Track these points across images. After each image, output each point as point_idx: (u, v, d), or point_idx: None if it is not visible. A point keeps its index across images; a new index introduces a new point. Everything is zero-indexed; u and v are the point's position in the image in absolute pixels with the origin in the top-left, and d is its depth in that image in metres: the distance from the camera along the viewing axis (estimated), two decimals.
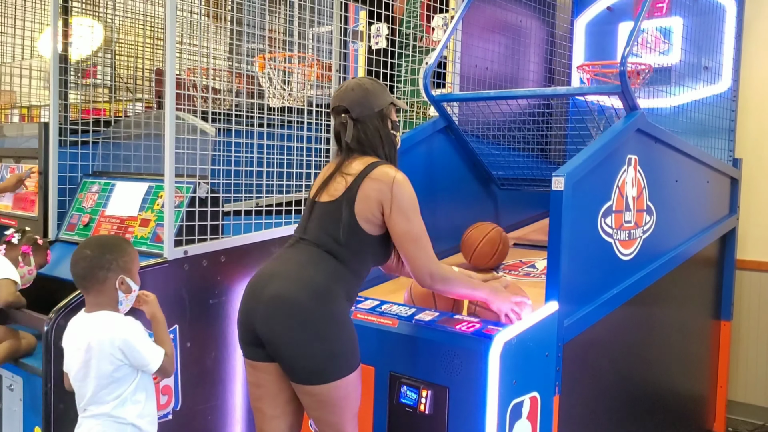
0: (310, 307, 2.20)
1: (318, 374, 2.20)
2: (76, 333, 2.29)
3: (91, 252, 2.29)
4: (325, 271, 2.27)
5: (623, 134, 2.96)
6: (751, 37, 4.28)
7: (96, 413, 2.25)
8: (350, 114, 2.36)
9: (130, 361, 2.25)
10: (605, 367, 3.07)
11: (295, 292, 2.21)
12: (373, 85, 2.42)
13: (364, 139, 2.36)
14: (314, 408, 2.29)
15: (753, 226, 4.35)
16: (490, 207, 3.95)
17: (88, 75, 4.87)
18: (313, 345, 2.19)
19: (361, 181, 2.29)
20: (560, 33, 4.45)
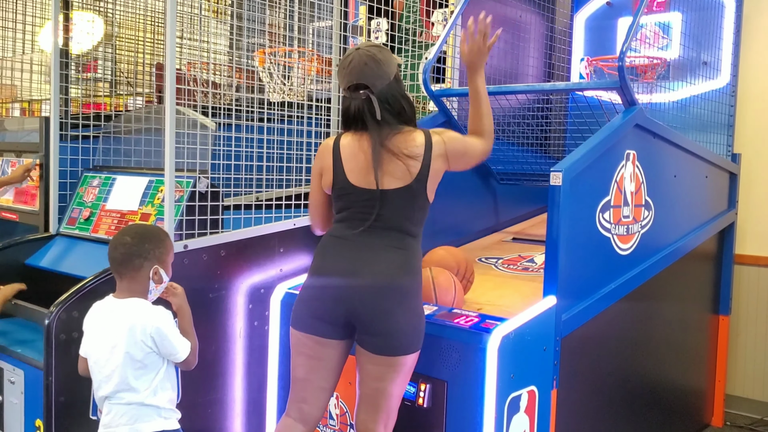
0: (408, 287, 2.35)
1: (407, 345, 2.34)
2: (104, 317, 2.33)
3: (130, 239, 2.35)
4: (410, 249, 2.40)
5: (621, 129, 2.97)
6: (750, 33, 4.28)
7: (128, 401, 2.28)
8: (370, 90, 2.36)
9: (159, 349, 2.30)
10: (603, 362, 3.09)
11: (393, 273, 2.34)
12: (381, 52, 2.41)
13: (390, 111, 2.38)
14: (384, 378, 2.37)
15: (751, 221, 4.36)
16: (489, 202, 3.96)
17: (89, 69, 4.88)
18: (409, 321, 2.34)
19: (429, 163, 2.37)
20: (560, 28, 4.46)
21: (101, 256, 3.09)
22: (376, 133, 2.36)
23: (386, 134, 2.37)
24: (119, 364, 2.26)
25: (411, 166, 2.35)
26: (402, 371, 2.37)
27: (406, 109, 2.43)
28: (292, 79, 4.05)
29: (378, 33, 4.36)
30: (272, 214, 3.26)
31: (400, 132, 2.39)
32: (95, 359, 2.32)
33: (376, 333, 2.33)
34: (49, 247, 3.47)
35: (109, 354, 2.27)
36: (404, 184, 2.36)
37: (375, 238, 2.38)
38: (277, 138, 3.32)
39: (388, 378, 2.36)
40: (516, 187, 3.96)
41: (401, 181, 2.36)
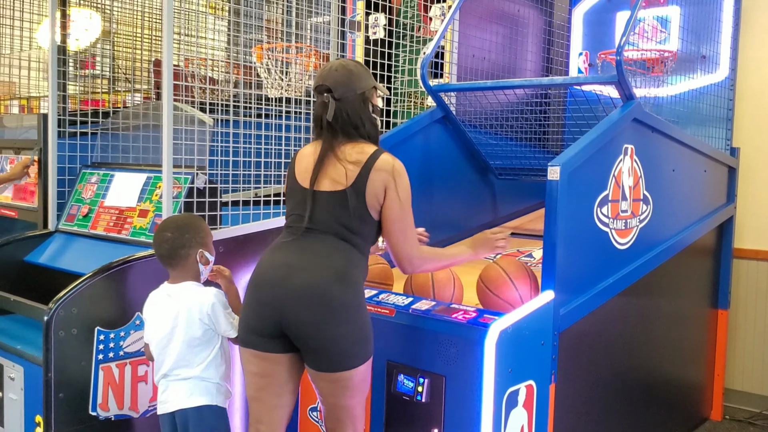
0: (339, 295, 2.25)
1: (347, 360, 2.26)
2: (162, 303, 2.55)
3: (171, 234, 2.55)
4: (345, 258, 2.31)
5: (619, 124, 2.97)
6: (748, 27, 4.28)
7: (185, 376, 2.51)
8: (333, 94, 2.35)
9: (215, 326, 2.52)
10: (601, 356, 3.10)
11: (324, 282, 2.25)
12: (357, 67, 2.42)
13: (345, 119, 2.36)
14: (333, 393, 2.32)
15: (750, 215, 4.36)
16: (487, 197, 3.97)
17: (87, 66, 4.88)
18: (343, 332, 2.24)
19: (369, 172, 2.30)
20: (558, 22, 4.45)
21: (100, 252, 3.12)
22: (329, 136, 2.36)
23: (338, 141, 2.36)
24: (180, 342, 2.50)
25: (349, 170, 2.31)
26: (351, 385, 2.30)
27: (364, 126, 2.39)
28: (290, 75, 4.04)
29: (376, 28, 4.36)
30: (270, 210, 3.26)
31: (353, 142, 2.37)
32: (156, 342, 2.55)
33: (311, 348, 2.26)
34: (48, 243, 3.47)
35: (170, 335, 2.51)
36: (339, 188, 2.32)
37: (314, 243, 2.31)
38: (275, 134, 3.32)
39: (339, 393, 2.31)
40: (514, 182, 3.97)
41: (337, 184, 2.32)
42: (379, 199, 2.32)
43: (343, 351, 2.25)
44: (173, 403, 2.52)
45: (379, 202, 2.33)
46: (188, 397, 2.50)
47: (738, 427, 4.19)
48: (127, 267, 2.84)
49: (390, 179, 2.32)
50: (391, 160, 2.35)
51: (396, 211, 2.34)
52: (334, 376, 2.27)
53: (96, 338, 2.74)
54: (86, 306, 2.72)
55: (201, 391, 2.51)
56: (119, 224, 3.23)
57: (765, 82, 4.33)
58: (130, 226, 3.18)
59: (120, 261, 2.84)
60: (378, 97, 2.51)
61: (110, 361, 2.79)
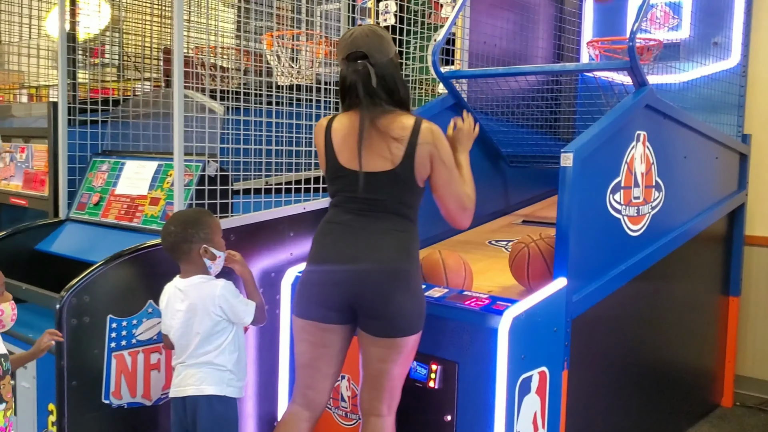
0: (406, 269, 2.35)
1: (407, 327, 2.35)
2: (176, 296, 2.63)
3: (174, 228, 2.62)
4: (407, 232, 2.40)
5: (632, 110, 2.95)
6: (760, 13, 4.24)
7: (198, 362, 2.59)
8: (369, 60, 2.33)
9: (228, 316, 2.61)
10: (614, 343, 3.09)
11: (398, 259, 2.34)
12: (383, 31, 2.44)
13: (384, 85, 2.35)
14: (385, 359, 2.38)
15: (762, 202, 4.34)
16: (498, 184, 3.96)
17: (96, 54, 4.87)
18: (409, 302, 2.34)
19: (414, 148, 2.33)
20: (569, 9, 4.42)
21: (111, 240, 3.12)
22: (367, 108, 2.34)
23: (377, 111, 2.34)
24: (194, 334, 2.58)
25: (394, 148, 2.32)
26: (404, 352, 2.38)
27: (401, 91, 2.40)
28: (300, 63, 4.03)
29: (386, 15, 4.34)
30: (282, 198, 3.26)
31: (391, 112, 2.36)
32: (173, 333, 2.64)
33: (378, 316, 2.34)
34: (59, 232, 3.48)
35: (185, 327, 2.59)
36: (390, 167, 2.34)
37: (371, 221, 2.38)
38: (285, 121, 3.32)
39: (390, 359, 2.37)
40: (526, 169, 3.95)
41: (388, 163, 2.33)
42: (426, 169, 2.37)
43: (407, 318, 2.34)
44: (185, 389, 2.60)
45: (427, 172, 2.38)
46: (199, 385, 2.58)
47: (749, 414, 4.18)
48: (139, 255, 2.84)
49: (434, 150, 2.35)
50: (430, 130, 2.36)
51: (445, 176, 2.40)
52: (393, 342, 2.35)
53: (108, 326, 2.75)
54: (98, 294, 2.72)
55: (213, 379, 2.59)
56: (130, 212, 3.24)
57: None
58: (142, 214, 3.18)
59: (131, 249, 2.84)
60: None
61: (123, 349, 2.79)
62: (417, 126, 2.35)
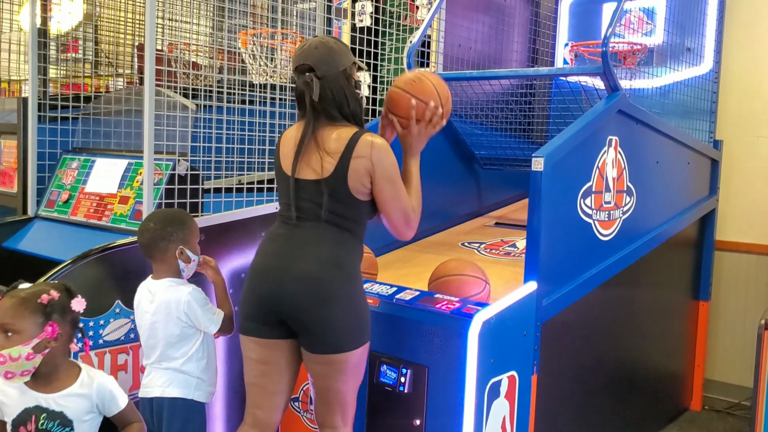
0: (334, 280, 2.27)
1: (342, 343, 2.28)
2: (146, 297, 2.62)
3: (154, 224, 2.59)
4: (340, 244, 2.32)
5: (604, 115, 2.97)
6: (732, 20, 4.29)
7: (167, 367, 2.58)
8: (315, 72, 2.30)
9: (193, 322, 2.57)
10: (584, 347, 3.11)
11: (323, 270, 2.27)
12: (336, 43, 2.37)
13: (329, 98, 2.31)
14: (326, 376, 2.33)
15: (732, 207, 4.39)
16: (472, 186, 3.96)
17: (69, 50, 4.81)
18: (340, 316, 2.27)
19: (350, 159, 2.27)
20: (545, 13, 4.44)
21: (80, 239, 3.08)
22: (310, 119, 2.32)
23: (318, 123, 2.31)
24: (160, 337, 2.57)
25: (326, 161, 2.27)
26: (345, 369, 2.31)
27: (350, 104, 2.34)
28: (275, 61, 4.01)
29: (362, 16, 4.33)
30: (254, 197, 3.24)
31: (334, 125, 2.32)
32: (142, 333, 2.64)
33: (308, 331, 2.29)
34: (27, 229, 3.43)
35: (153, 329, 2.58)
36: (321, 176, 2.29)
37: (302, 231, 2.32)
38: (259, 120, 3.29)
39: (332, 376, 2.32)
40: (499, 172, 3.96)
41: (315, 174, 2.30)
42: (364, 183, 2.29)
43: (338, 334, 2.27)
44: (152, 390, 2.60)
45: (365, 186, 2.30)
46: (166, 387, 2.58)
47: (717, 417, 4.23)
48: (107, 254, 2.81)
49: (371, 165, 2.27)
50: (369, 142, 2.28)
51: (388, 192, 2.33)
52: (328, 359, 2.29)
53: None
54: None
55: (179, 382, 2.57)
56: (99, 211, 3.20)
57: (748, 75, 4.34)
58: (111, 213, 3.14)
59: (100, 248, 2.80)
60: (358, 72, 2.46)
61: (90, 349, 2.75)
62: (354, 139, 2.28)
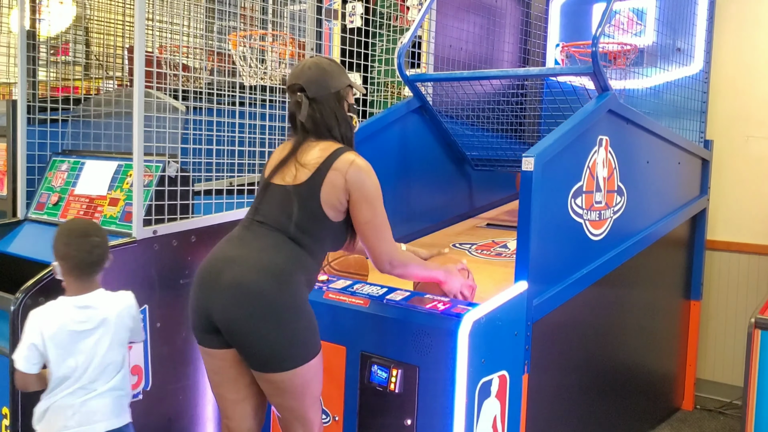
0: (271, 294, 2.16)
1: (278, 362, 2.17)
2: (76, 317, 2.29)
3: (99, 239, 2.36)
4: (286, 256, 2.22)
5: (594, 115, 2.97)
6: (722, 20, 4.30)
7: (103, 390, 2.30)
8: (306, 93, 2.30)
9: (133, 330, 2.39)
10: (574, 347, 3.11)
11: (256, 279, 2.16)
12: (331, 65, 2.36)
13: (319, 119, 2.30)
14: (274, 394, 2.28)
15: (723, 207, 4.40)
16: (463, 187, 3.96)
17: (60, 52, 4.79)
18: (273, 333, 2.15)
19: (327, 170, 2.23)
20: (535, 13, 4.45)
21: None
22: (299, 137, 2.32)
23: (306, 141, 2.31)
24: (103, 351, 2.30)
25: (300, 172, 2.26)
26: (287, 388, 2.21)
27: (340, 127, 2.33)
28: (266, 63, 4.00)
29: (353, 17, 4.33)
30: (244, 199, 3.23)
31: (319, 144, 2.30)
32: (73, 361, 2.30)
33: (241, 346, 2.19)
34: (17, 232, 3.42)
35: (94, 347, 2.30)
36: (294, 183, 2.26)
37: (256, 238, 2.25)
38: (249, 122, 3.29)
39: (278, 395, 2.26)
40: (490, 172, 3.96)
41: (292, 180, 2.27)
42: (339, 199, 2.25)
43: (274, 353, 2.16)
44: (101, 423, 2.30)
45: (340, 203, 2.25)
46: (117, 417, 2.33)
47: (708, 417, 4.23)
48: None
49: (352, 179, 2.23)
50: (350, 160, 2.26)
51: (364, 212, 2.27)
52: (268, 377, 2.21)
53: None
54: (54, 296, 2.66)
55: (123, 406, 2.37)
56: (89, 213, 3.19)
57: (738, 75, 4.36)
58: (101, 215, 3.13)
59: None
60: (353, 95, 2.45)
61: None
62: (336, 154, 2.26)
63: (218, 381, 2.35)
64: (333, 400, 2.73)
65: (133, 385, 2.86)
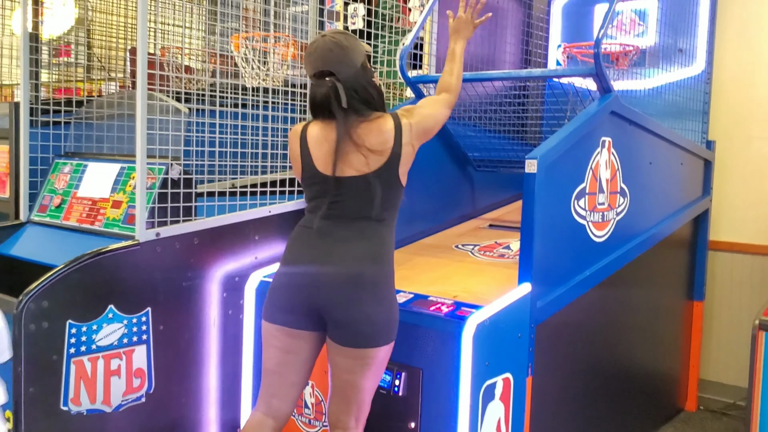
0: (373, 274, 2.31)
1: (375, 337, 2.30)
2: None
3: None
4: (376, 239, 2.36)
5: (597, 117, 2.97)
6: (724, 21, 4.30)
7: None
8: (336, 77, 2.32)
9: None
10: (578, 348, 3.10)
11: (362, 267, 2.30)
12: (348, 39, 2.38)
13: (356, 98, 2.33)
14: (352, 370, 2.34)
15: (726, 208, 4.40)
16: (465, 188, 3.96)
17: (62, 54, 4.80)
18: (376, 311, 2.29)
19: (400, 150, 2.34)
20: (537, 15, 4.44)
21: (73, 243, 3.07)
22: (342, 121, 2.32)
23: (352, 123, 2.32)
24: None
25: (371, 159, 2.32)
26: (373, 364, 2.33)
27: (375, 97, 2.39)
28: (268, 65, 4.00)
29: (355, 18, 4.33)
30: (247, 201, 3.23)
31: (367, 120, 2.35)
32: None
33: (342, 324, 2.30)
34: (19, 234, 3.42)
35: None
36: (360, 173, 2.33)
37: (340, 227, 2.36)
38: (252, 124, 3.29)
39: (358, 371, 2.34)
40: (493, 173, 3.96)
41: (357, 171, 2.33)
42: (411, 157, 2.42)
43: (373, 328, 2.29)
44: None
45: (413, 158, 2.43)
46: None
47: (712, 418, 4.23)
48: (100, 259, 2.80)
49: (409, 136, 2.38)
50: (408, 125, 2.39)
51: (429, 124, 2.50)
52: (359, 353, 2.31)
53: (67, 332, 2.70)
54: (57, 299, 2.67)
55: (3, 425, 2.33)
56: (92, 215, 3.19)
57: (740, 76, 4.36)
58: (104, 218, 3.13)
59: (92, 253, 2.79)
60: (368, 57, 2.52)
61: (82, 354, 2.74)
62: (398, 129, 2.36)
63: (286, 360, 2.42)
64: None
65: (135, 388, 2.88)
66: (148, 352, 2.93)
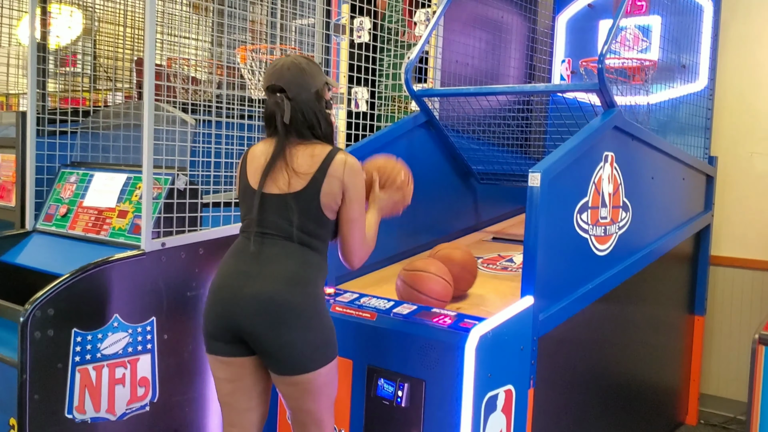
0: (296, 301, 2.24)
1: (305, 364, 2.24)
2: None
3: None
4: (303, 262, 2.29)
5: (600, 131, 2.99)
6: (727, 38, 4.34)
7: None
8: (286, 94, 2.32)
9: None
10: (580, 361, 3.11)
11: (279, 290, 2.23)
12: (308, 64, 2.38)
13: (301, 120, 2.32)
14: (296, 397, 2.31)
15: (727, 223, 4.42)
16: (469, 201, 3.98)
17: (68, 63, 4.83)
18: (300, 337, 2.23)
19: (323, 178, 2.28)
20: (541, 29, 4.48)
21: (78, 253, 3.09)
22: (282, 138, 2.32)
23: (290, 141, 2.32)
24: None
25: (293, 179, 2.28)
26: (313, 389, 2.28)
27: (321, 127, 2.36)
28: None
29: (361, 32, 4.36)
30: None
31: (305, 144, 2.33)
32: None
33: (269, 353, 2.25)
34: (25, 243, 3.43)
35: None
36: (281, 192, 2.30)
37: (265, 248, 2.30)
38: (257, 135, 3.31)
39: (301, 396, 2.30)
40: (496, 187, 3.98)
41: (280, 190, 2.30)
42: (336, 201, 2.31)
43: (301, 354, 2.23)
44: None
45: (336, 204, 2.32)
46: None
47: None
48: (106, 268, 2.82)
49: (341, 183, 2.29)
50: (342, 161, 2.31)
51: (356, 211, 2.34)
52: (294, 380, 2.26)
53: (73, 340, 2.72)
54: (63, 307, 2.69)
55: None
56: (98, 225, 3.21)
57: (743, 92, 4.39)
58: (109, 227, 3.15)
59: (98, 262, 2.81)
60: (329, 91, 2.47)
61: (87, 363, 2.76)
62: (329, 158, 2.30)
63: (231, 389, 2.38)
64: (339, 414, 2.74)
65: (140, 397, 2.89)
66: (152, 361, 2.95)
